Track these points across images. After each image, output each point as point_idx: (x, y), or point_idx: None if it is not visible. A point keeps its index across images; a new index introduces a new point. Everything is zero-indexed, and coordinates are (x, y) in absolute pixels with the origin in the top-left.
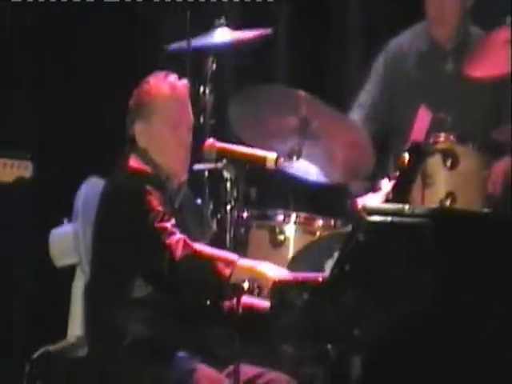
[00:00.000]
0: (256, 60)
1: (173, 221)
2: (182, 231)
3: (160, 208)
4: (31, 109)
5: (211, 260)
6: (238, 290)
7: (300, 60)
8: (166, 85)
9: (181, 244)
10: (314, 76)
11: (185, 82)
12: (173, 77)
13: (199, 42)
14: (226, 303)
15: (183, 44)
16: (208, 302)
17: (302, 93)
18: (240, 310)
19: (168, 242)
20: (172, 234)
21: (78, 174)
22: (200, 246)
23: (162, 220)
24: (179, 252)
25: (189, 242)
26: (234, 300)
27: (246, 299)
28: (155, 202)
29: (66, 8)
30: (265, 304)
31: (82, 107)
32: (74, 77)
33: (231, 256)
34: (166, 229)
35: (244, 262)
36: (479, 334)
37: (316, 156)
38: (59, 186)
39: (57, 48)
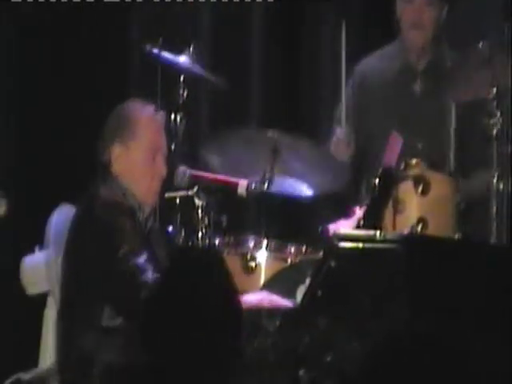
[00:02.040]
0: (229, 86)
1: (145, 255)
2: (152, 259)
3: (131, 242)
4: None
5: None
6: None
7: (273, 84)
8: (146, 112)
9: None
10: (288, 101)
11: (162, 112)
12: (150, 106)
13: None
14: None
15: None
16: None
17: (272, 133)
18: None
19: (141, 280)
20: (144, 271)
21: (50, 201)
22: None
23: (134, 255)
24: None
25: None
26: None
27: None
28: (127, 235)
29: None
30: None
31: (51, 134)
32: (42, 104)
33: None
34: (138, 265)
35: None
36: (452, 360)
37: (291, 172)
38: (30, 214)
39: (25, 80)
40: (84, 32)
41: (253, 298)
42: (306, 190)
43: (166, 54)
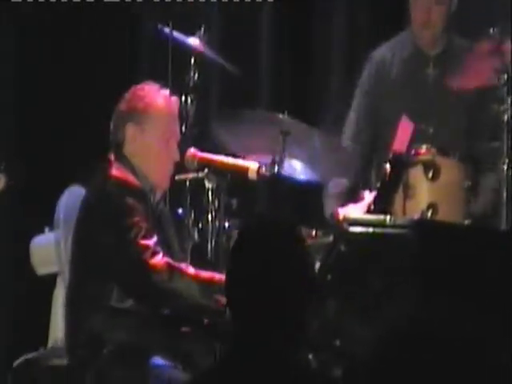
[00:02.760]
0: (239, 70)
1: (155, 238)
2: (163, 242)
3: (143, 223)
4: (8, 119)
5: (207, 285)
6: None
7: (285, 69)
8: (162, 97)
9: (166, 266)
10: (299, 87)
11: (176, 98)
12: (166, 90)
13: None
14: None
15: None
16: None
17: (282, 116)
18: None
19: (152, 262)
20: (155, 253)
21: (59, 182)
22: (191, 269)
23: (144, 237)
24: (165, 276)
25: (174, 264)
26: None
27: None
28: (138, 216)
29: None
30: None
31: (62, 112)
32: (49, 83)
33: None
34: (148, 247)
35: None
36: (463, 344)
37: (300, 157)
38: (40, 194)
39: (32, 55)
40: (96, 14)
41: None
42: (314, 176)
43: (177, 35)
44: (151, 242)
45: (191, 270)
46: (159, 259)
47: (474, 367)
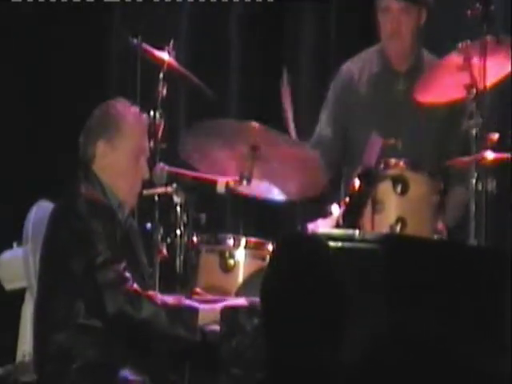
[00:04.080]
0: (207, 85)
1: (124, 263)
2: (132, 259)
3: (111, 248)
4: None
5: (177, 313)
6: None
7: (253, 86)
8: (132, 113)
9: (134, 294)
10: (267, 102)
11: (145, 115)
12: (136, 107)
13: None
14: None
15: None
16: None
17: (252, 124)
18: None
19: (120, 289)
20: (124, 279)
21: (28, 196)
22: (159, 297)
23: (113, 262)
24: (133, 303)
25: (143, 292)
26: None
27: None
28: (106, 239)
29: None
30: None
31: (32, 126)
32: (17, 98)
33: (192, 304)
34: (117, 274)
35: (204, 307)
36: (432, 359)
37: (268, 176)
38: (8, 209)
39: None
40: (62, 29)
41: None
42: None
43: (146, 49)
44: (120, 267)
45: (160, 298)
46: (128, 286)
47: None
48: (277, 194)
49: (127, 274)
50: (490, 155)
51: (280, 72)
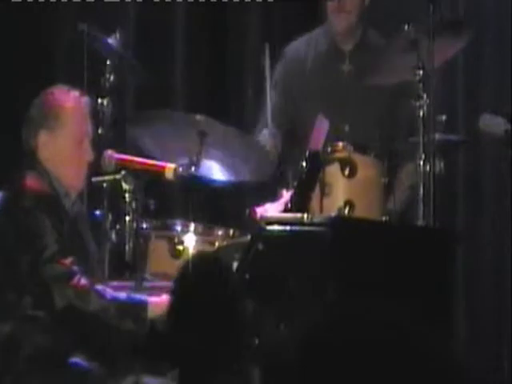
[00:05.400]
0: (154, 73)
1: (71, 257)
2: (80, 246)
3: (58, 242)
4: None
5: (125, 308)
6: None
7: (198, 71)
8: (71, 99)
9: (83, 289)
10: (214, 88)
11: (87, 98)
12: (76, 92)
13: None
14: None
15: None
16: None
17: (199, 117)
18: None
19: (69, 284)
20: (72, 274)
21: None
22: (109, 292)
23: (60, 256)
24: (82, 298)
25: (91, 287)
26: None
27: None
28: (53, 233)
29: None
30: None
31: None
32: None
33: (142, 298)
34: (65, 268)
35: (153, 300)
36: (381, 339)
37: (216, 160)
38: None
39: None
40: (8, 13)
41: None
42: (230, 176)
43: (94, 36)
44: (68, 260)
45: (109, 292)
46: (76, 280)
47: (396, 364)
48: (223, 174)
49: (75, 268)
50: (437, 137)
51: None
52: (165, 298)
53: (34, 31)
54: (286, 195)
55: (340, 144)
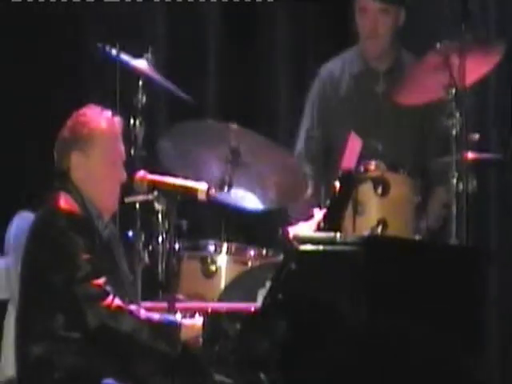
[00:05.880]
0: (186, 90)
1: (104, 278)
2: (113, 268)
3: (92, 262)
4: None
5: (159, 329)
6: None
7: (231, 89)
8: (104, 119)
9: (117, 309)
10: (246, 105)
11: (118, 118)
12: (108, 112)
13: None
14: None
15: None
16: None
17: (231, 126)
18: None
19: (102, 304)
20: (105, 294)
21: (9, 206)
22: (142, 312)
23: (94, 277)
24: (116, 319)
25: (125, 307)
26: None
27: None
28: (86, 253)
29: None
30: None
31: (13, 135)
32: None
33: (175, 320)
34: (98, 288)
35: (186, 322)
36: (413, 359)
37: (249, 183)
38: None
39: None
40: (41, 35)
41: None
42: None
43: (125, 58)
44: (101, 281)
45: (143, 312)
46: (109, 301)
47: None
48: (255, 203)
49: (108, 288)
50: (470, 155)
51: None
52: (198, 320)
53: (67, 52)
54: (319, 214)
55: (373, 163)
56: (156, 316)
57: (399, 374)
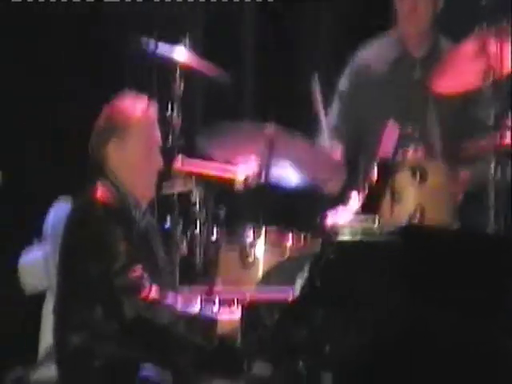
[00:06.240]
0: (226, 78)
1: (140, 268)
2: (150, 257)
3: (128, 252)
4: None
5: (195, 323)
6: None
7: (268, 77)
8: (139, 108)
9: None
10: (284, 92)
11: (154, 104)
12: (143, 98)
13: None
14: None
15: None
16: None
17: (268, 128)
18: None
19: (139, 296)
20: (142, 285)
21: (48, 195)
22: (179, 304)
23: (130, 268)
24: (152, 311)
25: (162, 299)
26: None
27: None
28: (123, 244)
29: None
30: None
31: (52, 124)
32: (36, 98)
33: (211, 315)
34: (135, 279)
35: (223, 317)
36: (452, 349)
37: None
38: (28, 207)
39: (26, 61)
40: (79, 25)
41: None
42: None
43: (162, 46)
44: (138, 271)
45: (180, 304)
46: (146, 292)
47: (464, 369)
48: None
49: (145, 279)
50: (508, 141)
51: (295, 67)
52: (235, 315)
53: (103, 40)
54: (357, 200)
55: (410, 150)
56: (193, 310)
57: (438, 360)
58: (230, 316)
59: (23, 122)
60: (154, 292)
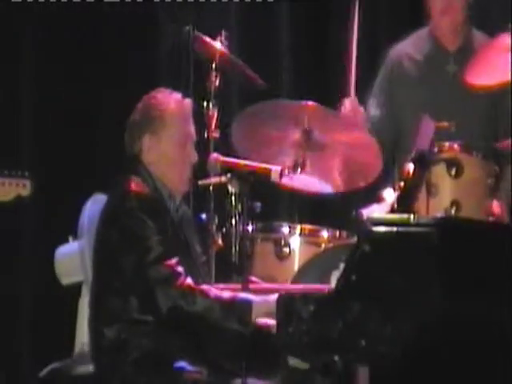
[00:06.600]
0: (259, 73)
1: (176, 258)
2: (185, 249)
3: (163, 243)
4: (30, 126)
5: (230, 306)
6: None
7: (303, 70)
8: (173, 101)
9: (188, 289)
10: (317, 85)
11: (189, 99)
12: (178, 94)
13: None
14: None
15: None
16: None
17: (305, 103)
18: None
19: (174, 284)
20: (177, 275)
21: (84, 190)
22: (213, 291)
23: (165, 258)
24: (187, 299)
25: (196, 286)
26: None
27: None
28: (158, 235)
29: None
30: None
31: (86, 120)
32: (71, 93)
33: (246, 297)
34: (170, 269)
35: (258, 299)
36: (488, 343)
37: (321, 164)
38: (62, 203)
39: (54, 65)
40: (114, 19)
41: None
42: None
43: (199, 38)
44: (172, 262)
45: (213, 291)
46: (181, 281)
47: (502, 365)
48: (325, 187)
49: (180, 269)
50: None
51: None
52: (270, 299)
53: (139, 34)
54: (393, 196)
55: (446, 144)
56: (226, 294)
57: (476, 354)
58: (263, 298)
59: (58, 113)
60: (188, 280)
